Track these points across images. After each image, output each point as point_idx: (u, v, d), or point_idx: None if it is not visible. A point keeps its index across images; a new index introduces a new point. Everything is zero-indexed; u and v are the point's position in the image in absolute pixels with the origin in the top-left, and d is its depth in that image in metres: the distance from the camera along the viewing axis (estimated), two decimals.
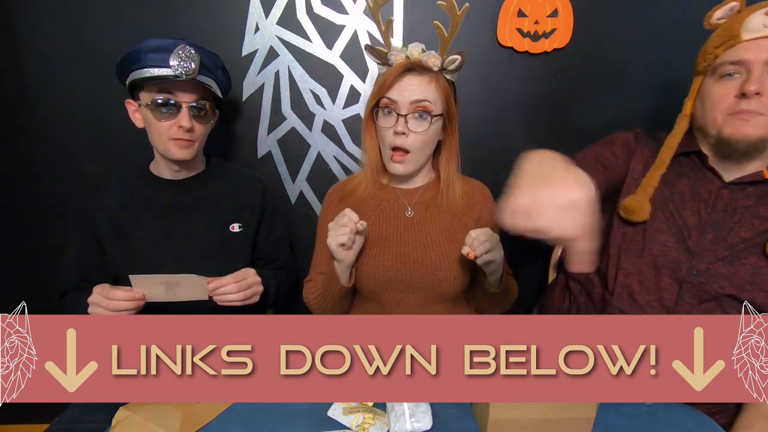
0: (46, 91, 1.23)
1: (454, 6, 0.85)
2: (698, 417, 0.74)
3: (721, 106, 0.83)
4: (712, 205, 0.87)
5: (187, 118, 0.94)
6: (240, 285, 0.90)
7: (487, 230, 0.85)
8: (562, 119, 1.28)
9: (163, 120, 0.94)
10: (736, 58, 0.81)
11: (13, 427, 1.52)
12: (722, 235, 0.86)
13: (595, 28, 1.19)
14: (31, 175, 1.29)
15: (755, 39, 0.79)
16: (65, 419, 0.88)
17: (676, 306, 0.87)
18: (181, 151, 0.97)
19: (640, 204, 0.89)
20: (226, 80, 1.05)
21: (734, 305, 0.84)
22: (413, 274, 0.94)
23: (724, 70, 0.83)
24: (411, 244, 0.96)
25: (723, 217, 0.86)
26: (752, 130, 0.80)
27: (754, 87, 0.78)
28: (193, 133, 0.96)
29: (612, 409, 0.73)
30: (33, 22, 1.18)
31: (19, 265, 1.36)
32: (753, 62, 0.79)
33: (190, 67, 0.92)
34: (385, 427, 0.69)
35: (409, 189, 1.01)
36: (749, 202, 0.86)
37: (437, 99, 0.90)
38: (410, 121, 0.89)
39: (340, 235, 0.84)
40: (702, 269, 0.85)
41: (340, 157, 1.31)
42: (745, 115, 0.80)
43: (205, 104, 0.97)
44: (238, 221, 1.07)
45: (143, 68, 0.92)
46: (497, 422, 0.64)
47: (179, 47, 0.92)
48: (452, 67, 0.91)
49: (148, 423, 0.66)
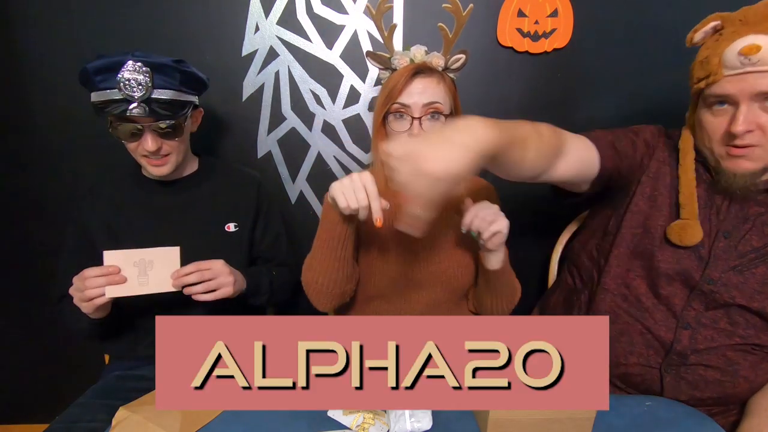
0: (42, 92, 1.23)
1: (459, 7, 0.86)
2: (698, 417, 0.73)
3: (715, 137, 0.81)
4: (725, 212, 0.85)
5: (150, 141, 0.89)
6: (202, 274, 0.87)
7: (486, 203, 0.84)
8: (562, 119, 1.27)
9: (128, 142, 0.91)
10: (721, 92, 0.78)
11: (13, 427, 1.52)
12: (733, 243, 0.84)
13: (595, 28, 1.19)
14: (26, 176, 1.29)
15: (736, 75, 0.76)
16: (65, 419, 0.88)
17: (683, 311, 0.85)
18: (157, 169, 0.95)
19: (691, 226, 0.84)
20: (194, 79, 0.96)
21: (741, 314, 0.83)
22: (422, 271, 0.95)
23: (712, 101, 0.80)
24: (420, 242, 0.95)
25: (734, 225, 0.84)
26: (750, 164, 0.78)
27: (741, 128, 0.76)
28: (162, 152, 0.93)
29: (612, 409, 0.72)
30: (30, 23, 1.18)
31: (17, 267, 1.36)
32: (738, 96, 0.76)
33: (140, 88, 0.85)
34: (385, 427, 0.69)
35: None
36: (761, 209, 0.84)
37: (446, 99, 0.90)
38: (424, 123, 0.89)
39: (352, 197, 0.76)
40: (715, 278, 0.83)
41: (340, 157, 1.31)
42: (740, 151, 0.78)
43: (171, 122, 0.90)
44: (234, 221, 1.05)
45: (93, 91, 0.87)
46: (497, 422, 0.64)
47: (126, 65, 0.85)
48: (456, 66, 0.91)
49: (148, 423, 0.66)
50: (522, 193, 1.24)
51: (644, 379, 0.88)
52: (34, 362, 1.45)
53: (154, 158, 0.93)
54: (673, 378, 0.85)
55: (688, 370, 0.84)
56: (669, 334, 0.85)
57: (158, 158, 0.93)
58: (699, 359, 0.84)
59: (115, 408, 0.68)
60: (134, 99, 0.85)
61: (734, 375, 0.83)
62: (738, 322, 0.83)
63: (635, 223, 0.91)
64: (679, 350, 0.84)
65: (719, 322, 0.84)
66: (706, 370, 0.84)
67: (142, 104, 0.86)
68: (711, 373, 0.84)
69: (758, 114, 0.76)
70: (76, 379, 1.36)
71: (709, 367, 0.84)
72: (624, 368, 0.89)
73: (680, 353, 0.84)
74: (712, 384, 0.84)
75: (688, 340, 0.84)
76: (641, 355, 0.88)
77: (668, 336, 0.85)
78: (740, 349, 0.83)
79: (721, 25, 0.80)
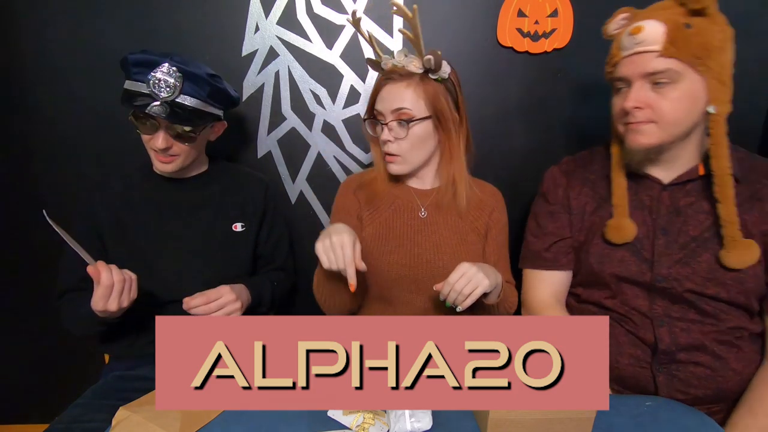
0: (47, 90, 1.23)
1: (404, 10, 0.85)
2: (698, 417, 0.73)
3: (617, 117, 0.87)
4: (656, 210, 0.88)
5: (161, 139, 0.92)
6: (209, 307, 0.89)
7: (467, 270, 0.80)
8: (562, 119, 1.28)
9: (143, 133, 0.94)
10: (619, 74, 0.84)
11: (13, 427, 1.52)
12: (672, 238, 0.87)
13: (595, 28, 1.19)
14: (31, 175, 1.29)
15: (630, 55, 0.81)
16: (65, 419, 0.88)
17: (651, 311, 0.88)
18: (162, 165, 0.97)
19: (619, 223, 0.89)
20: (224, 96, 1.00)
21: (704, 302, 0.85)
22: (424, 274, 0.95)
23: (616, 84, 0.86)
24: (424, 245, 0.96)
25: (669, 220, 0.88)
26: (646, 139, 0.82)
27: (630, 104, 0.81)
28: (171, 152, 0.95)
29: (612, 408, 0.72)
30: (34, 22, 1.18)
31: (17, 266, 1.36)
32: (631, 77, 0.82)
33: (168, 90, 0.89)
34: (385, 427, 0.69)
35: (423, 190, 1.01)
36: (691, 199, 0.87)
37: (416, 103, 0.90)
38: (394, 129, 0.92)
39: (332, 259, 0.77)
40: (665, 275, 0.86)
41: (340, 157, 1.31)
42: (636, 126, 0.83)
43: (186, 129, 0.93)
44: (241, 221, 1.07)
45: (127, 79, 0.92)
46: (497, 422, 0.64)
47: (162, 66, 0.89)
48: (431, 67, 0.90)
49: (148, 423, 0.65)
50: (520, 194, 1.25)
51: (638, 380, 0.89)
52: (34, 362, 1.45)
53: (162, 155, 0.95)
54: (665, 377, 0.86)
55: (679, 368, 0.86)
56: (649, 334, 0.88)
57: (166, 156, 0.96)
58: (688, 357, 0.85)
59: (115, 408, 0.68)
60: (159, 98, 0.89)
61: (724, 369, 0.85)
62: (705, 310, 0.85)
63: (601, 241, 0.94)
64: (664, 349, 0.86)
65: (688, 313, 0.86)
66: (696, 367, 0.85)
67: (165, 104, 0.89)
68: (701, 370, 0.85)
69: (648, 93, 0.80)
70: (76, 379, 1.35)
71: (698, 364, 0.85)
72: (617, 371, 0.91)
73: (666, 352, 0.86)
74: (705, 380, 0.85)
75: (668, 336, 0.86)
76: (630, 355, 0.89)
77: (649, 336, 0.88)
78: (724, 341, 0.85)
79: (631, 16, 0.85)
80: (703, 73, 0.78)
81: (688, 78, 0.78)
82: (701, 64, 0.77)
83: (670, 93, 0.79)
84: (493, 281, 0.83)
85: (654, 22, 0.78)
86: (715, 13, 0.78)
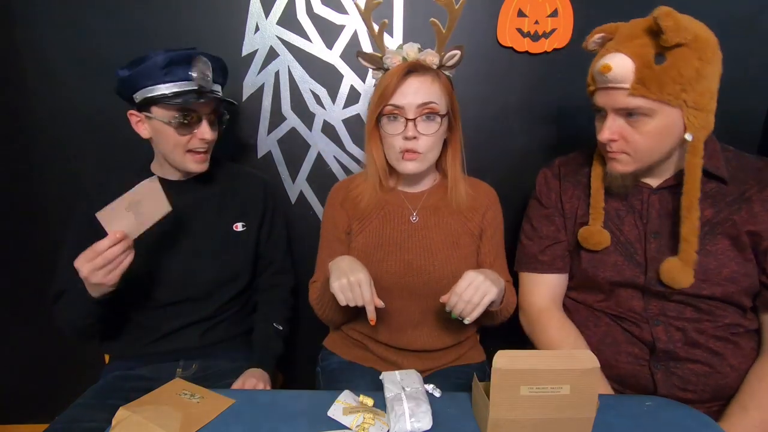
0: (45, 91, 1.23)
1: (451, 1, 0.84)
2: (698, 417, 0.73)
3: (599, 141, 0.86)
4: (647, 214, 0.89)
5: (209, 129, 0.95)
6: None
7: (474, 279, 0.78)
8: (562, 119, 1.28)
9: (183, 134, 0.94)
10: (595, 102, 0.85)
11: (13, 427, 1.52)
12: (664, 241, 0.87)
13: (595, 28, 1.19)
14: (30, 176, 1.29)
15: (603, 89, 0.81)
16: (65, 419, 0.88)
17: (645, 312, 0.88)
18: (199, 165, 0.98)
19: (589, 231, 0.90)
20: (225, 80, 1.04)
21: (700, 301, 0.85)
22: (417, 281, 0.93)
23: (594, 109, 0.87)
24: (415, 250, 0.94)
25: (660, 224, 0.88)
26: (622, 167, 0.84)
27: (605, 136, 0.82)
28: (207, 145, 0.97)
29: (612, 408, 0.73)
30: (32, 23, 1.18)
31: (17, 266, 1.36)
32: (606, 108, 0.82)
33: (209, 81, 0.92)
34: (385, 427, 0.69)
35: (414, 193, 1.00)
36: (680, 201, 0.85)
37: (442, 98, 0.88)
38: (419, 124, 0.87)
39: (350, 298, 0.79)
40: (658, 278, 0.86)
41: (340, 157, 1.31)
42: (612, 155, 0.84)
43: (222, 112, 0.98)
44: (242, 220, 1.07)
45: (160, 84, 0.89)
46: (497, 422, 0.64)
47: (197, 59, 0.90)
48: (451, 63, 0.89)
49: (148, 423, 0.66)
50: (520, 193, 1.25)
51: (637, 378, 0.90)
52: (34, 362, 1.45)
53: (202, 150, 0.97)
54: (663, 374, 0.87)
55: (677, 365, 0.86)
56: (646, 333, 0.88)
57: (204, 151, 0.97)
58: (686, 354, 0.86)
59: (115, 408, 0.68)
60: (206, 89, 0.92)
61: (722, 366, 0.85)
62: (701, 308, 0.85)
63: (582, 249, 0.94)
64: (662, 348, 0.86)
65: (684, 312, 0.86)
66: (694, 365, 0.86)
67: (208, 94, 0.92)
68: (699, 367, 0.86)
69: (623, 125, 0.81)
70: (76, 379, 1.36)
71: (696, 362, 0.86)
72: (616, 369, 0.91)
73: (664, 350, 0.86)
74: (703, 377, 0.85)
75: (665, 334, 0.87)
76: (629, 353, 0.90)
77: (646, 335, 0.88)
78: (720, 338, 0.85)
79: (608, 36, 0.85)
80: (678, 106, 0.76)
81: (662, 112, 0.77)
82: (675, 98, 0.75)
83: (644, 126, 0.79)
84: (500, 287, 0.82)
85: (623, 58, 0.76)
86: (693, 40, 0.74)
